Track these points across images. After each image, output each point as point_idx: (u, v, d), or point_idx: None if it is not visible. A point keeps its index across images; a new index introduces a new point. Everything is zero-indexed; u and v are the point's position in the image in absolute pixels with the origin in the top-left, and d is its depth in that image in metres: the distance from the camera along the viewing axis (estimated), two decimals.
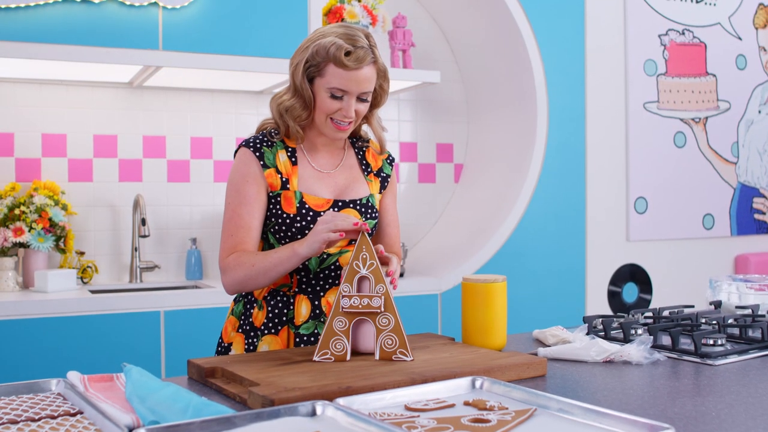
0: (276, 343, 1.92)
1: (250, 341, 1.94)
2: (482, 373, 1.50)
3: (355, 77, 1.84)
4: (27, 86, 3.39)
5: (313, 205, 1.90)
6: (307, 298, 1.93)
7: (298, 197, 1.89)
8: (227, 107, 3.73)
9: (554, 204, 3.94)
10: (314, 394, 1.33)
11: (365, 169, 2.03)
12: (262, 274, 1.82)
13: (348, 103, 1.86)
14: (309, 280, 1.92)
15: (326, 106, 1.87)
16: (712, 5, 4.49)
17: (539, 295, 3.87)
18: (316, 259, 1.90)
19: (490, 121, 4.15)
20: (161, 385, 1.36)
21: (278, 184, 1.90)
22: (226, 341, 2.00)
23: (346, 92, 1.85)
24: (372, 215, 1.97)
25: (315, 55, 1.85)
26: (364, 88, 1.86)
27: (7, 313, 2.84)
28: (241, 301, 2.01)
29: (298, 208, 1.88)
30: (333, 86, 1.85)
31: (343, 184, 1.97)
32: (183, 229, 3.65)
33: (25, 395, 1.41)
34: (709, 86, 4.50)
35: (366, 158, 2.04)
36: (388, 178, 2.05)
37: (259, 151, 1.92)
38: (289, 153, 1.94)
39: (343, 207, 1.92)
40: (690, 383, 1.54)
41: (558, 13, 3.96)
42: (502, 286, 1.84)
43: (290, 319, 1.92)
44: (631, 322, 1.96)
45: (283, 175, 1.91)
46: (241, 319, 1.98)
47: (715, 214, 4.52)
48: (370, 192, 1.99)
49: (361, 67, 1.84)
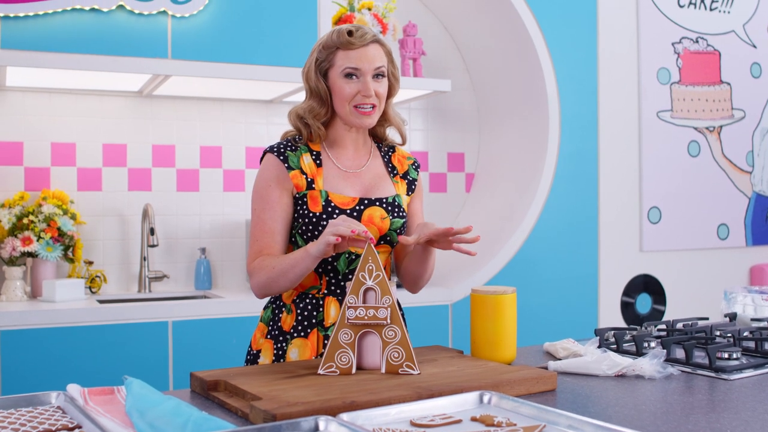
0: (306, 346, 1.90)
1: (279, 346, 1.93)
2: (490, 387, 1.47)
3: (364, 54, 1.89)
4: (36, 95, 3.38)
5: (339, 204, 1.90)
6: (336, 299, 1.92)
7: (323, 196, 1.90)
8: (237, 116, 3.72)
9: (566, 214, 3.90)
10: (317, 409, 1.30)
11: (391, 172, 2.03)
12: (282, 276, 1.83)
13: (365, 82, 1.89)
14: (338, 282, 1.93)
15: (345, 92, 1.90)
16: (726, 13, 4.45)
17: (551, 306, 3.83)
18: (344, 260, 1.90)
19: (501, 130, 4.12)
20: (162, 399, 1.34)
21: (304, 185, 1.92)
22: (255, 348, 2.00)
23: (359, 70, 1.89)
24: (399, 214, 1.96)
25: (322, 50, 1.93)
26: (377, 63, 1.90)
27: (14, 323, 2.82)
28: (269, 307, 2.02)
29: (324, 207, 1.89)
30: (346, 67, 1.89)
31: (369, 184, 1.98)
32: (192, 239, 3.63)
33: (24, 408, 1.39)
34: (724, 95, 4.45)
35: (392, 161, 2.05)
36: (414, 181, 2.06)
37: (283, 155, 1.94)
38: (313, 156, 1.96)
39: (369, 205, 1.92)
40: (704, 399, 1.50)
41: (570, 21, 3.92)
42: (512, 298, 1.81)
43: (320, 321, 1.92)
44: (643, 335, 1.92)
45: (308, 175, 1.92)
46: (270, 325, 1.98)
47: (729, 224, 4.47)
48: (396, 192, 1.99)
49: (366, 44, 1.90)
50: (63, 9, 2.95)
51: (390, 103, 2.01)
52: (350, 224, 1.70)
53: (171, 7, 3.09)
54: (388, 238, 1.95)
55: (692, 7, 4.34)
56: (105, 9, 3.00)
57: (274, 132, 3.74)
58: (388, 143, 2.08)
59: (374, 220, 1.92)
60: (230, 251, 3.67)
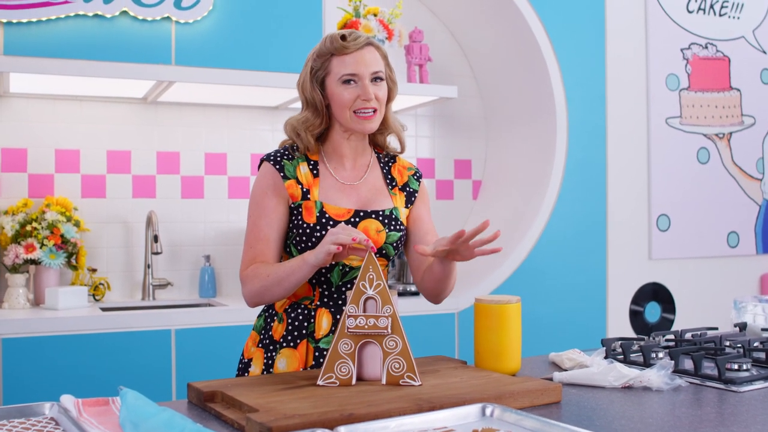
0: (294, 357, 1.87)
1: (269, 356, 1.91)
2: (493, 399, 1.43)
3: (360, 57, 1.85)
4: (40, 102, 3.37)
5: (334, 215, 1.87)
6: (328, 311, 1.89)
7: (318, 207, 1.87)
8: (242, 123, 3.70)
9: (574, 221, 3.87)
10: (314, 421, 1.27)
11: (390, 183, 1.99)
12: (276, 284, 1.80)
13: (363, 86, 1.86)
14: (331, 294, 1.89)
15: (344, 99, 1.86)
16: (735, 18, 4.41)
17: (559, 315, 3.79)
18: (338, 272, 1.87)
19: (508, 137, 4.08)
20: (156, 411, 1.31)
21: (299, 195, 1.89)
22: (247, 357, 1.98)
23: (356, 75, 1.86)
24: (396, 227, 1.93)
25: (317, 59, 1.90)
26: (373, 67, 1.87)
27: (17, 331, 2.80)
28: (262, 316, 1.99)
29: (318, 218, 1.86)
30: (343, 73, 1.86)
31: (365, 196, 1.94)
32: (197, 246, 3.61)
33: (16, 419, 1.37)
34: (733, 101, 4.41)
35: (391, 172, 2.01)
36: (414, 193, 2.02)
37: (279, 164, 1.91)
38: (310, 166, 1.93)
39: (365, 217, 1.89)
40: (713, 411, 1.47)
41: (578, 27, 3.89)
42: (516, 308, 1.77)
43: (310, 332, 1.89)
44: (651, 346, 1.88)
45: (304, 185, 1.89)
46: (261, 334, 1.96)
47: (739, 231, 4.42)
48: (394, 205, 1.95)
49: (361, 47, 1.86)
50: (66, 15, 2.93)
51: (389, 108, 1.98)
52: (350, 232, 1.67)
53: (175, 13, 3.07)
54: (384, 251, 1.91)
55: (701, 12, 4.30)
56: (108, 15, 2.99)
57: (279, 139, 3.64)
58: (389, 152, 2.05)
59: (370, 233, 1.88)
60: (235, 259, 3.65)
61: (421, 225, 2.02)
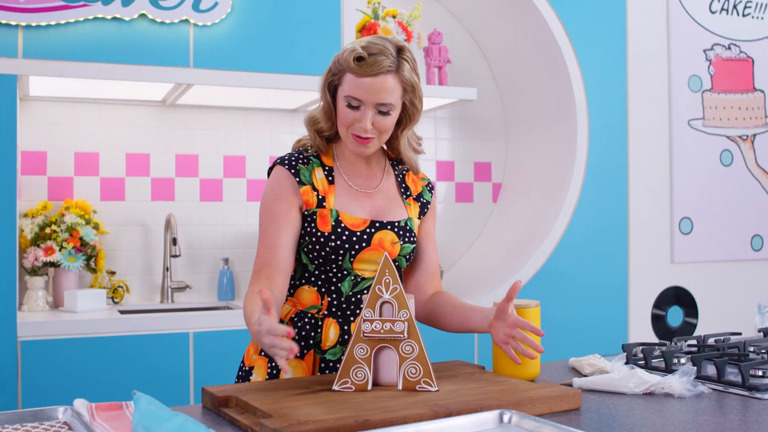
0: (300, 367, 1.83)
1: (273, 365, 1.85)
2: (511, 406, 1.41)
3: (369, 85, 1.75)
4: (60, 105, 3.38)
5: (349, 225, 1.82)
6: (336, 322, 1.84)
7: (333, 215, 1.82)
8: (261, 125, 3.69)
9: (595, 224, 3.82)
10: (328, 428, 1.25)
11: (404, 193, 1.95)
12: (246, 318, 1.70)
13: (364, 114, 1.77)
14: (340, 304, 1.85)
15: (344, 117, 1.80)
16: (759, 19, 4.35)
17: (579, 319, 3.75)
18: (349, 282, 1.83)
19: (529, 139, 4.05)
20: (169, 416, 1.29)
21: (314, 202, 1.83)
22: (248, 365, 1.91)
23: (360, 101, 1.77)
24: (410, 239, 1.89)
25: (336, 64, 1.82)
26: (380, 98, 1.76)
27: (36, 334, 2.81)
28: None
29: (334, 227, 1.81)
30: (348, 94, 1.77)
31: (380, 206, 1.90)
32: (215, 249, 3.61)
33: (30, 424, 1.36)
34: (757, 102, 4.35)
35: (405, 181, 1.97)
36: (427, 204, 1.97)
37: (295, 168, 1.86)
38: (326, 171, 1.88)
39: (380, 228, 1.85)
40: (737, 419, 1.43)
41: (598, 28, 3.85)
42: (535, 312, 1.75)
43: (317, 343, 1.84)
44: (673, 351, 1.85)
45: (320, 192, 1.84)
46: None
47: (764, 235, 4.36)
48: (408, 215, 1.92)
49: (374, 75, 1.74)
50: (85, 18, 2.93)
51: (403, 135, 1.89)
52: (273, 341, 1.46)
53: (193, 15, 3.07)
54: (397, 263, 1.87)
55: (724, 13, 4.24)
56: (127, 18, 2.99)
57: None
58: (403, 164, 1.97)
59: (384, 245, 1.83)
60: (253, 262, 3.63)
61: (425, 241, 1.97)
